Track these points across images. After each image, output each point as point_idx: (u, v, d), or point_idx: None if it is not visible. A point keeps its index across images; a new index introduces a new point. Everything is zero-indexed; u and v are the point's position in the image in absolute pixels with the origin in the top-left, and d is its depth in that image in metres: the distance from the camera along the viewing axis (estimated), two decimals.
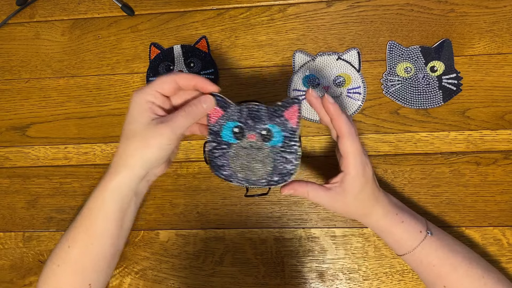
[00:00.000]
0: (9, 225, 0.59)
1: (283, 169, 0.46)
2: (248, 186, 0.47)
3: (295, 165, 0.46)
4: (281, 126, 0.46)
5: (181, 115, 0.45)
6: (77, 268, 0.48)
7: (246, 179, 0.47)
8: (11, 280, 0.58)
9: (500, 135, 0.55)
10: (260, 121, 0.46)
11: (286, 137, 0.46)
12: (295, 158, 0.46)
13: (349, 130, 0.44)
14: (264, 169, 0.47)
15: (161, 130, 0.43)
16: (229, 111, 0.47)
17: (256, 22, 0.60)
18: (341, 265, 0.54)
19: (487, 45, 0.56)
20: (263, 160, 0.46)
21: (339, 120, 0.44)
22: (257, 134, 0.46)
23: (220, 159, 0.47)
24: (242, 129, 0.47)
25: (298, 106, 0.45)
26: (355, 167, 0.44)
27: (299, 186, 0.47)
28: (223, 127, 0.47)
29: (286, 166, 0.46)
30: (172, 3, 0.62)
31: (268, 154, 0.46)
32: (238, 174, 0.47)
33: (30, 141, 0.61)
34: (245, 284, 0.55)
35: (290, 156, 0.46)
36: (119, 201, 0.46)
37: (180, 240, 0.56)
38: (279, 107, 0.45)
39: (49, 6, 0.64)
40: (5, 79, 0.63)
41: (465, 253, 0.46)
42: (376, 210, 0.47)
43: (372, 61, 0.58)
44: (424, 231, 0.46)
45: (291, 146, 0.46)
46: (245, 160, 0.47)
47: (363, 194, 0.46)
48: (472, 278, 0.45)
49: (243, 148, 0.47)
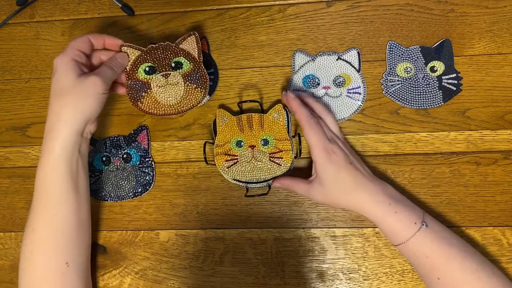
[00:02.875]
0: (9, 225, 0.59)
1: (144, 181, 0.57)
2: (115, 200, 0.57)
3: (152, 175, 0.57)
4: (136, 148, 0.57)
5: (105, 67, 0.50)
6: (48, 246, 0.48)
7: (116, 196, 0.57)
8: (11, 280, 0.58)
9: (500, 135, 0.55)
10: (120, 148, 0.57)
11: (141, 156, 0.57)
12: (151, 170, 0.57)
13: (307, 119, 0.50)
14: (129, 184, 0.57)
15: (93, 80, 0.47)
16: (97, 146, 0.58)
17: (256, 22, 0.60)
18: (341, 265, 0.54)
19: (487, 45, 0.56)
20: (127, 177, 0.57)
21: (299, 112, 0.50)
22: (119, 158, 0.57)
23: (96, 184, 0.57)
24: (108, 157, 0.57)
25: (146, 132, 0.58)
26: (319, 155, 0.48)
27: (285, 180, 0.53)
28: (93, 158, 0.58)
29: (146, 178, 0.57)
30: (172, 3, 0.62)
31: (130, 172, 0.57)
32: (111, 193, 0.57)
33: (30, 141, 0.61)
34: (245, 284, 0.55)
35: (147, 170, 0.57)
36: (68, 160, 0.48)
37: (180, 240, 0.56)
38: (132, 135, 0.57)
39: (49, 6, 0.64)
40: (5, 79, 0.63)
41: (460, 246, 0.47)
42: (362, 198, 0.48)
43: (372, 61, 0.58)
44: (419, 223, 0.46)
45: (147, 162, 0.57)
46: (114, 181, 0.57)
47: (339, 180, 0.48)
48: (465, 271, 0.45)
49: (110, 172, 0.57)
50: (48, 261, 0.48)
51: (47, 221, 0.48)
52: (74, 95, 0.47)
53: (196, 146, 0.58)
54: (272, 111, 0.55)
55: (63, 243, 0.48)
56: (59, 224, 0.48)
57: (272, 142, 0.54)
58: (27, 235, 0.48)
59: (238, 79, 0.59)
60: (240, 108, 0.57)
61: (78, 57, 0.49)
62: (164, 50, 0.55)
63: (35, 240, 0.48)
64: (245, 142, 0.55)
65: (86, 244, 0.52)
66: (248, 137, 0.55)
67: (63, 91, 0.47)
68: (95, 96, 0.48)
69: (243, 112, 0.57)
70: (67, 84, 0.47)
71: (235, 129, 0.55)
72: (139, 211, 0.57)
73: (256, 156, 0.54)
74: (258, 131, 0.55)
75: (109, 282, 0.56)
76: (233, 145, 0.55)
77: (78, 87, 0.47)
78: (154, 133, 0.59)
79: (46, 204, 0.48)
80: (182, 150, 0.58)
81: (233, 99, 0.59)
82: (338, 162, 0.48)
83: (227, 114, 0.56)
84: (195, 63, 0.55)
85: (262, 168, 0.54)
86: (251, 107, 0.58)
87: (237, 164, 0.55)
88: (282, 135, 0.54)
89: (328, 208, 0.55)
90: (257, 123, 0.55)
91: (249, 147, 0.55)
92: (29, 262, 0.48)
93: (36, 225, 0.48)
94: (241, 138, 0.55)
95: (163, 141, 0.59)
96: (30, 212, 0.49)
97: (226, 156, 0.55)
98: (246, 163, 0.55)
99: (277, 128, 0.55)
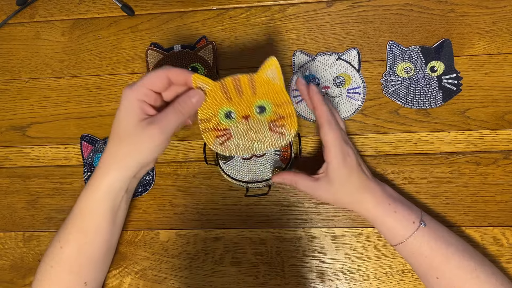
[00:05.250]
0: (9, 225, 0.59)
1: (144, 181, 0.51)
2: None
3: (152, 175, 0.50)
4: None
5: (171, 113, 0.43)
6: (71, 268, 0.48)
7: None
8: (11, 280, 0.58)
9: (500, 135, 0.55)
10: None
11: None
12: (151, 170, 0.52)
13: (328, 119, 0.47)
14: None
15: (151, 131, 0.43)
16: (97, 146, 0.54)
17: (256, 22, 0.60)
18: (341, 265, 0.54)
19: (487, 45, 0.56)
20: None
21: (320, 109, 0.47)
22: None
23: None
24: None
25: None
26: (336, 157, 0.46)
27: (288, 175, 0.50)
28: (93, 158, 0.53)
29: (146, 178, 0.51)
30: (172, 3, 0.62)
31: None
32: None
33: (30, 141, 0.61)
34: (245, 284, 0.55)
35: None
36: (111, 200, 0.47)
37: (180, 240, 0.56)
38: None
39: (49, 6, 0.64)
40: (5, 79, 0.63)
41: (459, 245, 0.46)
42: (366, 199, 0.48)
43: (372, 61, 0.58)
44: (417, 222, 0.46)
45: None
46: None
47: (349, 183, 0.47)
48: (464, 270, 0.45)
49: None
50: (68, 280, 0.48)
51: (77, 245, 0.47)
52: (130, 146, 0.44)
53: (196, 146, 0.58)
54: (264, 68, 0.44)
55: (87, 267, 0.48)
56: (88, 251, 0.48)
57: (270, 107, 0.45)
58: (53, 250, 0.48)
59: None
60: None
61: (145, 97, 0.43)
62: None
63: (60, 259, 0.48)
64: (236, 113, 0.45)
65: (107, 268, 0.52)
66: (239, 106, 0.45)
67: (120, 134, 0.44)
68: (150, 149, 0.44)
69: None
70: (126, 127, 0.43)
71: (220, 98, 0.45)
72: (139, 211, 0.57)
73: (253, 127, 0.46)
74: (250, 97, 0.45)
75: (109, 282, 0.56)
76: (221, 118, 0.45)
77: (135, 137, 0.43)
78: None
79: (81, 230, 0.47)
80: (182, 150, 0.58)
81: None
82: (351, 165, 0.47)
83: (205, 80, 0.44)
84: None
85: (263, 140, 0.46)
86: None
87: (231, 139, 0.46)
88: (281, 98, 0.45)
89: (328, 208, 0.55)
90: (247, 86, 0.44)
91: (242, 117, 0.45)
92: (48, 275, 0.48)
93: (65, 245, 0.48)
94: (230, 108, 0.45)
95: None
96: (63, 229, 0.48)
97: (216, 132, 0.46)
98: (241, 137, 0.46)
99: (273, 90, 0.44)
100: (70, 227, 0.48)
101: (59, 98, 0.61)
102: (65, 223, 0.49)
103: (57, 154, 0.60)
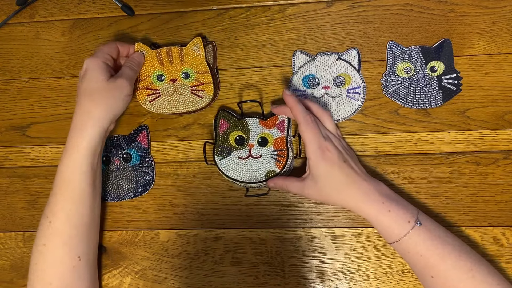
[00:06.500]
0: (9, 225, 0.59)
1: (144, 181, 0.57)
2: None
3: (152, 175, 0.57)
4: (136, 148, 0.57)
5: (127, 68, 0.54)
6: (63, 240, 0.49)
7: (116, 196, 0.57)
8: (11, 280, 0.58)
9: (500, 135, 0.55)
10: (120, 148, 0.57)
11: (141, 156, 0.57)
12: (151, 170, 0.57)
13: (303, 117, 0.50)
14: (129, 184, 0.57)
15: (120, 83, 0.52)
16: None
17: (256, 22, 0.60)
18: (341, 265, 0.54)
19: (487, 45, 0.57)
20: (127, 177, 0.57)
21: (295, 109, 0.50)
22: (119, 158, 0.57)
23: None
24: (108, 157, 0.57)
25: (146, 132, 0.58)
26: (313, 152, 0.49)
27: (278, 180, 0.52)
28: None
29: (146, 178, 0.57)
30: (172, 3, 0.62)
31: (130, 172, 0.57)
32: (111, 193, 0.57)
33: (30, 141, 0.61)
34: (245, 284, 0.55)
35: (147, 170, 0.57)
36: (92, 157, 0.51)
37: (180, 240, 0.56)
38: (132, 135, 0.58)
39: (49, 6, 0.64)
40: (5, 79, 0.63)
41: (455, 245, 0.46)
42: (353, 195, 0.48)
43: (372, 61, 0.58)
44: (412, 221, 0.46)
45: (147, 162, 0.57)
46: (114, 181, 0.57)
47: (332, 177, 0.48)
48: (460, 270, 0.45)
49: (110, 172, 0.57)
50: (61, 255, 0.49)
51: (65, 215, 0.50)
52: (105, 96, 0.51)
53: (196, 146, 0.58)
54: (192, 44, 0.56)
55: (77, 238, 0.50)
56: (76, 220, 0.50)
57: (193, 75, 0.56)
58: (42, 228, 0.50)
59: (238, 79, 0.59)
60: (240, 108, 0.57)
61: (107, 61, 0.53)
62: None
63: (51, 234, 0.50)
64: (166, 76, 0.57)
65: (96, 240, 0.54)
66: (169, 71, 0.57)
67: (93, 91, 0.51)
68: (123, 98, 0.52)
69: (244, 113, 0.57)
70: (98, 85, 0.51)
71: (155, 63, 0.57)
72: (139, 211, 0.58)
73: (178, 89, 0.56)
74: (179, 65, 0.56)
75: (109, 282, 0.56)
76: (154, 79, 0.57)
77: (108, 89, 0.51)
78: (154, 133, 0.59)
79: (67, 199, 0.50)
80: (182, 150, 0.58)
81: (233, 99, 0.59)
82: (331, 159, 0.48)
83: (145, 48, 0.57)
84: None
85: (184, 101, 0.56)
86: (251, 107, 0.58)
87: (159, 98, 0.57)
88: (202, 68, 0.56)
89: (328, 208, 0.55)
90: (177, 56, 0.56)
91: (171, 80, 0.57)
92: (42, 254, 0.49)
93: (53, 218, 0.50)
94: (162, 72, 0.57)
95: (163, 141, 0.59)
96: (49, 204, 0.50)
97: (148, 91, 0.57)
98: (168, 97, 0.57)
99: (197, 61, 0.56)
100: (55, 199, 0.50)
101: (59, 98, 0.61)
102: (51, 196, 0.51)
103: (57, 154, 0.60)
